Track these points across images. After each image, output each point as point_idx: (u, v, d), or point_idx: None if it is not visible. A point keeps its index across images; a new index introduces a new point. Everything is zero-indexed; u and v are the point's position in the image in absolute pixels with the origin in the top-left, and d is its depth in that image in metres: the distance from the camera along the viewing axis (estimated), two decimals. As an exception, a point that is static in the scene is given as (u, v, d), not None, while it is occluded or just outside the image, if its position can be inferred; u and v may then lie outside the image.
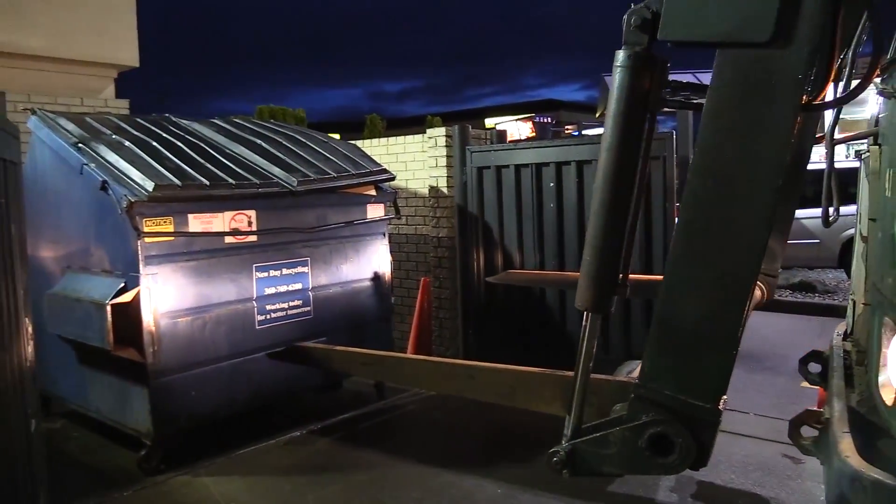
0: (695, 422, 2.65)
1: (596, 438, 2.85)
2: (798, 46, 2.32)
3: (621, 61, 2.67)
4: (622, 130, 2.72)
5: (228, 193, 5.08)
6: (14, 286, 2.97)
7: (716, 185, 2.57)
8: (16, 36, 8.47)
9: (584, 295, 2.85)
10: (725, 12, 2.41)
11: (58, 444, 5.44)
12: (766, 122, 2.44)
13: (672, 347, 2.70)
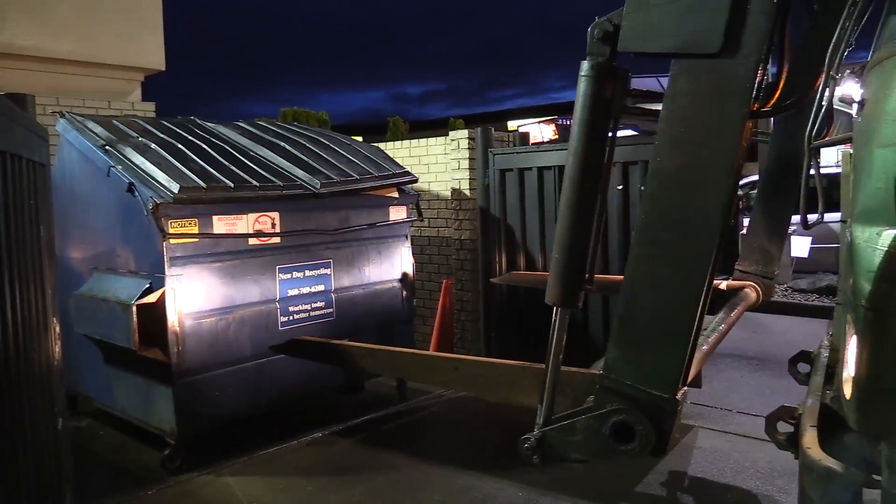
0: (654, 411, 2.79)
1: (564, 426, 3.01)
2: (745, 57, 2.48)
3: (585, 71, 2.82)
4: (586, 136, 2.87)
5: (252, 195, 5.12)
6: (43, 286, 3.01)
7: (671, 187, 2.71)
8: (45, 40, 8.61)
9: (553, 291, 2.99)
10: (679, 26, 2.56)
11: (84, 443, 5.51)
12: (717, 127, 2.58)
13: (632, 341, 2.84)
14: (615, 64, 2.81)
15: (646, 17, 2.68)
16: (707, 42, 2.53)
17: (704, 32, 2.53)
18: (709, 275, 2.69)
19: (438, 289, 7.33)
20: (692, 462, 4.94)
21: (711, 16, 2.51)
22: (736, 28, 2.48)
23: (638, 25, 2.70)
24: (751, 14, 2.47)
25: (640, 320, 2.84)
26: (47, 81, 8.39)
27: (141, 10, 9.60)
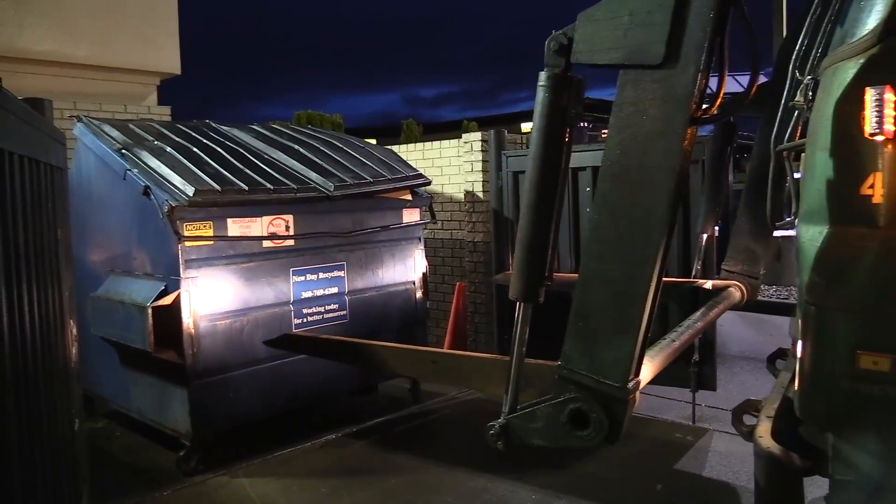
0: (607, 399, 2.95)
1: (525, 414, 3.17)
2: (684, 68, 2.67)
3: (542, 81, 3.01)
4: (544, 142, 3.06)
5: (267, 198, 5.15)
6: (60, 288, 3.04)
7: (620, 190, 2.90)
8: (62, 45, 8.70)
9: (515, 286, 3.18)
10: (624, 39, 2.78)
11: (100, 444, 5.56)
12: (660, 132, 2.76)
13: (586, 334, 3.01)
14: (570, 75, 3.00)
15: (595, 31, 2.89)
16: (650, 54, 2.73)
17: (647, 45, 2.74)
18: (655, 272, 2.85)
19: (452, 291, 7.34)
20: (707, 465, 4.91)
21: (653, 30, 2.71)
22: (676, 41, 2.68)
23: (588, 39, 2.90)
24: (689, 28, 2.66)
25: (593, 314, 3.01)
26: (64, 86, 8.48)
27: (157, 14, 9.68)
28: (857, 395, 2.40)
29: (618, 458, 5.03)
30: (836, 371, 2.45)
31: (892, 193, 2.30)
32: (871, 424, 2.45)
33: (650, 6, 2.74)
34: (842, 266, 2.46)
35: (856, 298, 2.42)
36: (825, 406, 2.54)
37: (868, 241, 2.38)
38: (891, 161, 2.31)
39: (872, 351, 2.37)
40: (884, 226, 2.34)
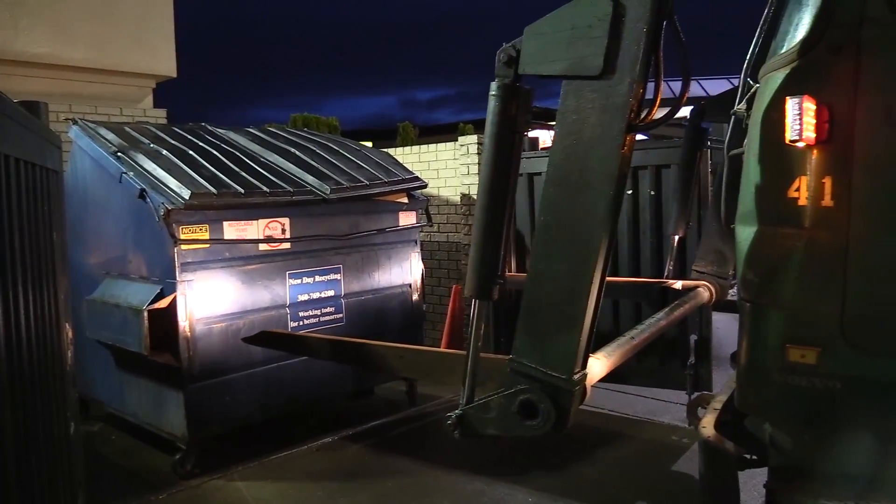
0: (554, 390, 3.11)
1: (480, 405, 3.35)
2: (620, 78, 2.84)
3: (493, 91, 3.20)
4: (495, 148, 3.24)
5: (263, 201, 5.15)
6: (55, 291, 3.03)
7: (563, 193, 3.07)
8: (58, 48, 8.68)
9: (470, 284, 3.36)
10: (566, 52, 2.97)
11: (96, 447, 5.55)
12: (599, 139, 2.94)
13: (534, 328, 3.19)
14: (519, 85, 3.19)
15: (540, 44, 3.07)
16: (589, 66, 2.91)
17: (587, 58, 2.91)
18: (597, 270, 3.02)
19: (448, 293, 7.34)
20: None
21: (592, 43, 2.89)
22: (613, 54, 2.85)
23: (534, 51, 3.09)
24: (624, 42, 2.84)
25: (540, 310, 3.18)
26: (60, 88, 8.46)
27: (153, 17, 9.67)
28: (787, 386, 2.59)
29: (615, 461, 5.03)
30: (768, 364, 2.64)
31: (816, 196, 2.48)
32: (801, 414, 2.63)
33: (589, 21, 2.91)
34: (772, 265, 2.64)
35: (785, 295, 2.61)
36: (759, 397, 2.73)
37: (795, 240, 2.55)
38: (814, 165, 2.49)
39: (800, 344, 2.56)
40: (809, 226, 2.52)
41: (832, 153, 2.48)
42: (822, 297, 2.52)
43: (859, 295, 2.48)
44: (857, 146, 2.46)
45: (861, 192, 2.46)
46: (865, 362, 2.50)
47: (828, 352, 2.52)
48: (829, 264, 2.51)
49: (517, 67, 3.15)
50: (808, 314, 2.57)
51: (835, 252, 2.49)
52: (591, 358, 3.49)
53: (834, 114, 2.47)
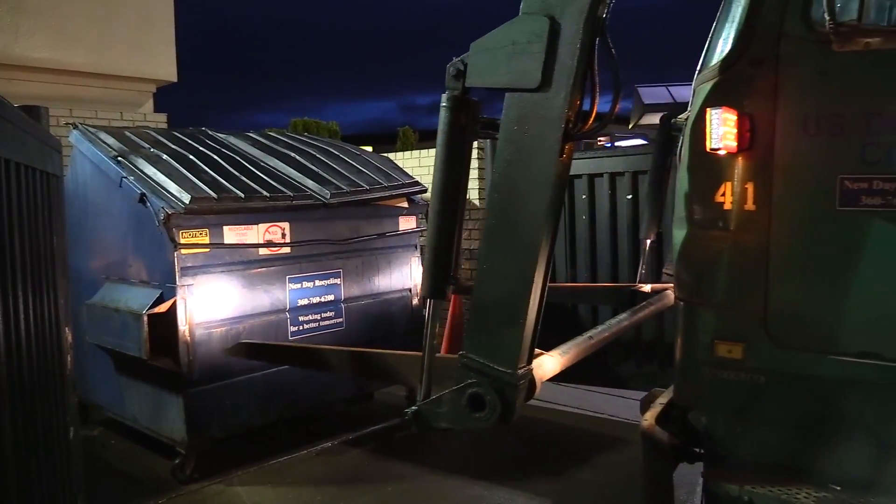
0: (500, 384, 3.28)
1: (434, 400, 3.51)
2: (557, 91, 3.02)
3: (444, 102, 3.41)
4: (446, 155, 3.45)
5: (263, 206, 5.15)
6: (55, 296, 3.03)
7: (506, 197, 3.25)
8: (58, 53, 8.69)
9: (425, 285, 3.58)
10: (509, 66, 3.14)
11: (95, 452, 5.54)
12: (538, 148, 3.12)
13: (482, 325, 3.38)
14: (467, 97, 3.40)
15: (484, 59, 3.25)
16: (528, 79, 3.08)
17: (527, 71, 3.08)
18: (538, 270, 3.19)
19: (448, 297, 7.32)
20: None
21: (531, 58, 3.06)
22: (549, 68, 3.03)
23: (479, 65, 3.27)
24: (560, 57, 3.02)
25: (487, 308, 3.36)
26: (61, 93, 8.48)
27: (153, 22, 9.68)
28: (717, 379, 2.78)
29: (614, 465, 5.02)
30: (699, 358, 2.82)
31: (740, 201, 2.67)
32: (730, 406, 2.82)
33: (529, 37, 3.09)
34: (702, 266, 2.84)
35: (713, 294, 2.80)
36: (692, 391, 2.92)
37: (722, 243, 2.74)
38: (738, 172, 2.68)
39: (727, 340, 2.75)
40: (734, 229, 2.70)
41: (754, 160, 2.67)
42: (747, 296, 2.71)
43: (779, 293, 2.66)
44: (777, 154, 2.64)
45: (780, 197, 2.64)
46: (786, 357, 2.67)
47: (752, 347, 2.71)
48: (753, 265, 2.69)
49: (465, 80, 3.35)
50: (734, 312, 2.75)
51: (757, 253, 2.68)
52: (545, 355, 3.77)
53: (755, 123, 2.65)
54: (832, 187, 2.56)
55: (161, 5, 9.83)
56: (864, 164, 2.52)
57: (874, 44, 2.48)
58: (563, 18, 3.03)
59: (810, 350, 2.64)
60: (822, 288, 2.63)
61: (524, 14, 3.16)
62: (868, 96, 2.54)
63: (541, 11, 3.09)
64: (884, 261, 2.53)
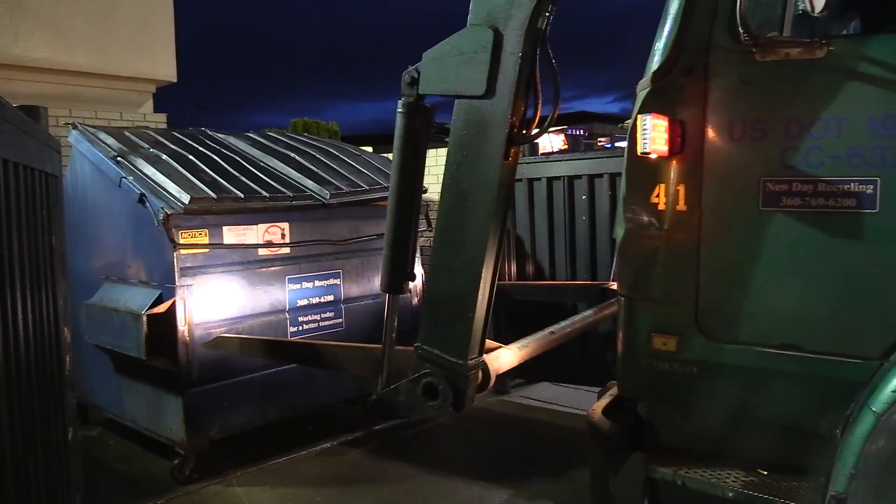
0: (452, 374, 3.50)
1: (391, 389, 3.75)
2: (500, 98, 3.25)
3: (399, 108, 3.64)
4: (402, 158, 3.69)
5: (262, 206, 5.14)
6: (54, 296, 3.03)
7: (455, 198, 3.47)
8: (58, 53, 8.69)
9: (383, 281, 3.80)
10: (457, 74, 3.37)
11: (94, 452, 5.52)
12: (484, 152, 3.35)
13: (434, 318, 3.60)
14: (422, 103, 3.63)
15: (435, 67, 3.48)
16: (475, 87, 3.30)
17: (473, 80, 3.30)
18: (485, 266, 3.40)
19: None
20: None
21: (477, 68, 3.28)
22: (494, 77, 3.25)
23: (431, 73, 3.50)
24: (503, 66, 3.24)
25: (438, 302, 3.58)
26: (60, 93, 8.47)
27: (153, 22, 9.68)
28: (654, 370, 2.94)
29: (614, 467, 5.01)
30: (638, 350, 2.98)
31: (673, 202, 2.83)
32: (665, 395, 2.99)
33: (475, 48, 3.30)
34: (639, 263, 2.99)
35: (649, 289, 2.97)
36: (632, 381, 3.09)
37: (657, 241, 2.90)
38: (670, 175, 2.84)
39: (662, 333, 2.91)
40: (667, 229, 2.86)
41: (685, 164, 2.82)
42: (680, 292, 2.87)
43: (709, 289, 2.82)
44: (706, 158, 2.79)
45: (710, 198, 2.80)
46: (716, 349, 2.82)
47: (685, 340, 2.86)
48: (684, 262, 2.85)
49: (418, 88, 3.57)
50: (669, 307, 2.91)
51: (689, 251, 2.84)
52: (502, 348, 4.03)
53: (686, 129, 2.81)
54: (756, 189, 2.72)
55: (161, 5, 9.82)
56: (785, 168, 2.67)
57: (793, 54, 2.63)
58: (506, 30, 3.23)
59: (737, 342, 2.78)
60: (747, 284, 2.77)
61: (471, 25, 3.36)
62: (787, 103, 2.68)
63: (486, 23, 3.29)
64: (802, 258, 2.68)
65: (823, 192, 2.60)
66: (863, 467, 2.33)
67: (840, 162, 2.57)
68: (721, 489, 2.69)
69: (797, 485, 2.66)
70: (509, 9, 3.24)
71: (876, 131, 2.51)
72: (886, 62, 2.51)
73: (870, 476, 2.33)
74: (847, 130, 2.56)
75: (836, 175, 2.58)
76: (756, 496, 2.62)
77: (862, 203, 2.53)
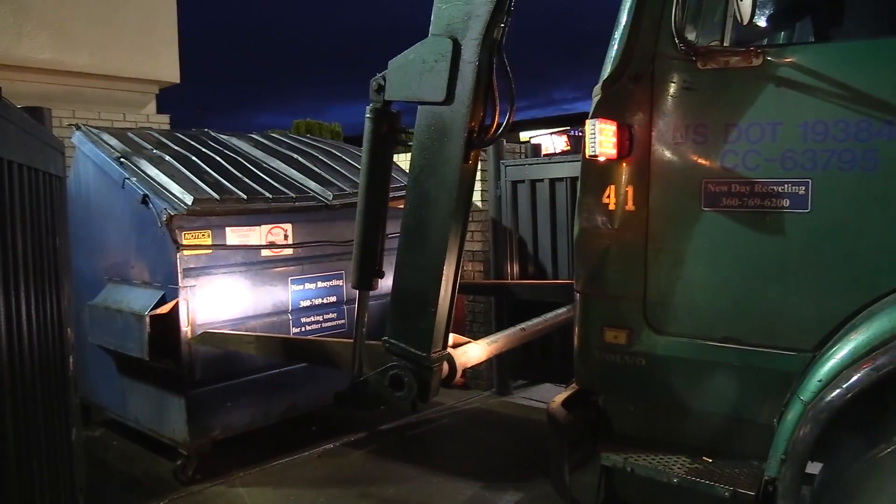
0: (416, 365, 3.72)
1: (361, 381, 3.96)
2: (460, 105, 3.46)
3: (367, 113, 3.85)
4: (370, 161, 3.90)
5: (265, 207, 5.15)
6: (58, 297, 3.04)
7: (419, 198, 3.66)
8: (61, 54, 8.69)
9: (353, 278, 4.02)
10: (420, 81, 3.57)
11: (97, 453, 5.53)
12: (444, 154, 3.54)
13: (400, 313, 3.80)
14: (388, 109, 3.84)
15: (400, 75, 3.68)
16: (436, 94, 3.50)
17: (434, 87, 3.50)
18: (447, 263, 3.59)
19: (450, 300, 7.32)
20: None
21: (438, 76, 3.48)
22: (453, 84, 3.45)
23: (396, 81, 3.70)
24: (461, 74, 3.44)
25: (404, 297, 3.77)
26: (63, 94, 8.47)
27: (156, 23, 9.68)
28: (606, 363, 3.08)
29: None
30: (592, 344, 3.12)
31: (622, 202, 2.97)
32: (617, 387, 3.13)
33: (436, 56, 3.49)
34: (592, 260, 3.13)
35: (602, 286, 3.11)
36: (587, 373, 3.21)
37: (608, 240, 3.04)
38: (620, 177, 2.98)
39: (614, 327, 3.05)
40: (618, 228, 3.00)
41: (633, 166, 2.96)
42: (629, 287, 3.01)
43: (656, 285, 2.96)
44: (652, 160, 2.93)
45: (656, 199, 2.93)
46: (662, 342, 2.95)
47: (634, 333, 3.01)
48: (633, 259, 2.99)
49: (385, 94, 3.76)
50: (619, 302, 3.06)
51: (637, 249, 2.98)
52: (470, 343, 4.21)
53: (633, 133, 2.95)
54: (698, 190, 2.85)
55: (164, 6, 9.82)
56: (724, 170, 2.81)
57: (732, 62, 2.77)
58: (464, 40, 3.42)
59: (682, 335, 2.92)
60: (690, 280, 2.91)
61: (433, 35, 3.54)
62: (726, 109, 2.81)
63: (445, 33, 3.48)
64: (741, 256, 2.81)
65: (759, 192, 2.74)
66: (791, 453, 2.47)
67: (775, 164, 2.71)
68: (666, 475, 2.83)
69: (738, 471, 2.80)
70: (467, 20, 3.43)
71: (807, 136, 2.65)
72: (816, 70, 2.65)
73: (797, 461, 2.46)
74: (781, 135, 2.70)
75: (771, 177, 2.72)
76: (698, 482, 2.76)
77: (795, 203, 2.68)
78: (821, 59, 2.69)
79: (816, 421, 2.42)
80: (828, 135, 2.61)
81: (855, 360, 2.40)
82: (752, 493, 2.64)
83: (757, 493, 2.62)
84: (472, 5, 3.42)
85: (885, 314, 2.45)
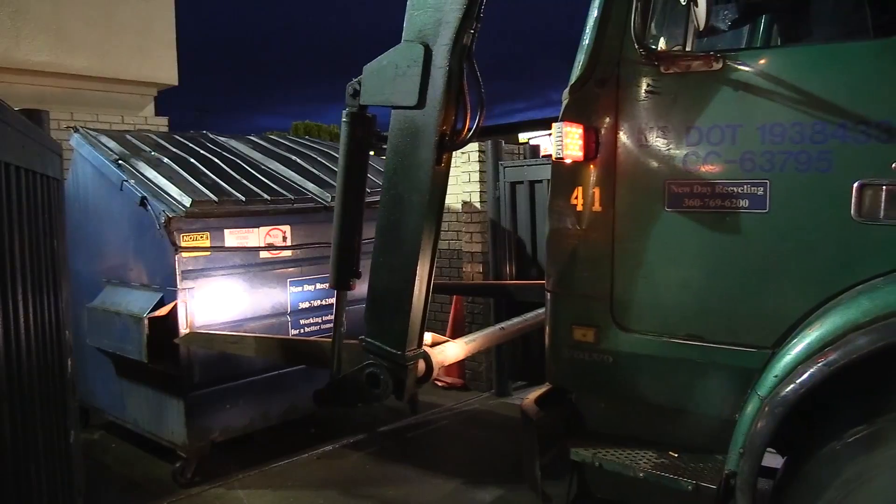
0: (392, 363, 3.80)
1: (340, 380, 4.03)
2: (431, 109, 3.54)
3: (343, 118, 3.94)
4: (346, 164, 3.97)
5: (264, 209, 5.15)
6: (56, 299, 3.04)
7: (393, 200, 3.74)
8: (60, 56, 8.69)
9: (331, 278, 4.13)
10: (393, 86, 3.65)
11: (96, 455, 5.52)
12: (417, 157, 3.62)
13: (376, 313, 3.88)
14: (363, 113, 3.93)
15: (374, 80, 3.76)
16: (408, 98, 3.58)
17: (407, 92, 3.58)
18: (420, 264, 3.68)
19: (449, 301, 7.33)
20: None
21: (410, 80, 3.57)
22: (425, 89, 3.53)
23: (370, 86, 3.78)
24: (433, 80, 3.52)
25: (379, 297, 3.86)
26: (61, 96, 8.48)
27: (154, 25, 9.69)
28: (575, 360, 3.16)
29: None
30: (561, 342, 3.18)
31: (590, 203, 3.05)
32: (585, 383, 3.21)
33: (409, 62, 3.58)
34: (561, 260, 3.20)
35: (570, 285, 3.18)
36: (558, 370, 3.27)
37: (576, 240, 3.11)
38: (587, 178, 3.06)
39: (582, 325, 3.13)
40: (585, 228, 3.08)
41: (599, 168, 3.03)
42: (596, 287, 3.07)
43: (622, 284, 3.03)
44: (618, 162, 3.00)
45: (621, 200, 3.00)
46: (628, 339, 3.02)
47: (601, 331, 3.07)
48: (600, 259, 3.06)
49: (360, 99, 3.84)
50: (587, 300, 3.12)
51: (604, 249, 3.05)
52: (448, 342, 4.31)
53: (600, 136, 3.02)
54: (661, 191, 2.92)
55: (162, 8, 9.83)
56: (686, 171, 2.87)
57: (693, 67, 2.84)
58: (435, 46, 3.51)
59: (647, 333, 2.99)
60: (654, 279, 2.98)
61: (405, 41, 3.62)
62: (688, 112, 2.87)
63: (417, 39, 3.57)
64: (703, 255, 2.89)
65: (720, 193, 2.81)
66: (749, 447, 2.55)
67: (734, 166, 2.78)
68: (633, 469, 2.90)
69: (702, 465, 2.87)
70: (438, 27, 3.51)
71: (765, 138, 2.72)
72: (773, 74, 2.72)
73: (754, 454, 2.54)
74: (741, 137, 2.77)
75: (731, 178, 2.79)
76: (663, 476, 2.84)
77: (753, 204, 2.75)
78: (778, 62, 2.77)
79: (772, 415, 2.49)
80: (785, 137, 2.68)
81: (809, 355, 2.47)
82: (714, 486, 2.70)
83: (719, 487, 2.68)
84: (442, 13, 3.50)
85: (838, 311, 2.52)
